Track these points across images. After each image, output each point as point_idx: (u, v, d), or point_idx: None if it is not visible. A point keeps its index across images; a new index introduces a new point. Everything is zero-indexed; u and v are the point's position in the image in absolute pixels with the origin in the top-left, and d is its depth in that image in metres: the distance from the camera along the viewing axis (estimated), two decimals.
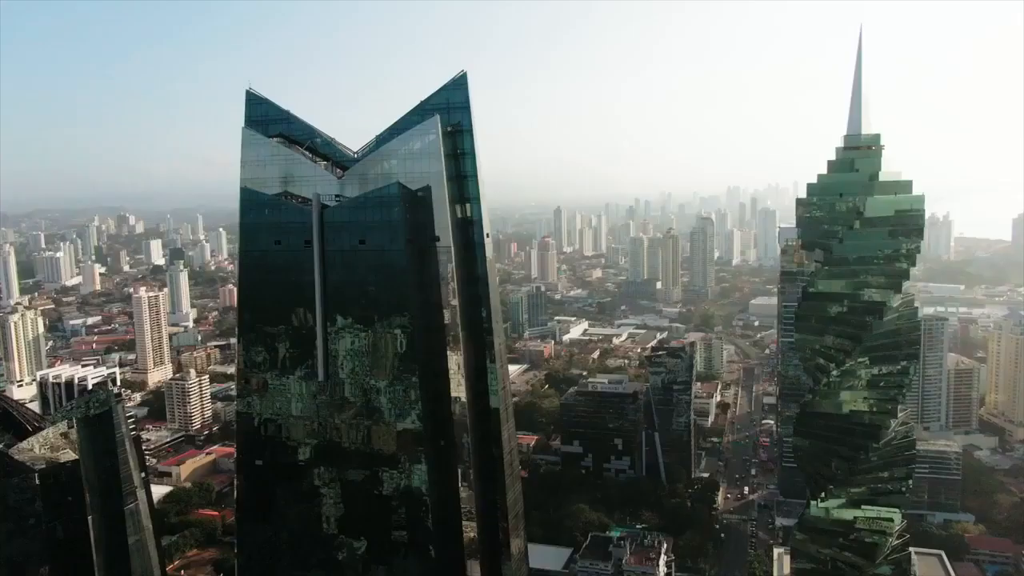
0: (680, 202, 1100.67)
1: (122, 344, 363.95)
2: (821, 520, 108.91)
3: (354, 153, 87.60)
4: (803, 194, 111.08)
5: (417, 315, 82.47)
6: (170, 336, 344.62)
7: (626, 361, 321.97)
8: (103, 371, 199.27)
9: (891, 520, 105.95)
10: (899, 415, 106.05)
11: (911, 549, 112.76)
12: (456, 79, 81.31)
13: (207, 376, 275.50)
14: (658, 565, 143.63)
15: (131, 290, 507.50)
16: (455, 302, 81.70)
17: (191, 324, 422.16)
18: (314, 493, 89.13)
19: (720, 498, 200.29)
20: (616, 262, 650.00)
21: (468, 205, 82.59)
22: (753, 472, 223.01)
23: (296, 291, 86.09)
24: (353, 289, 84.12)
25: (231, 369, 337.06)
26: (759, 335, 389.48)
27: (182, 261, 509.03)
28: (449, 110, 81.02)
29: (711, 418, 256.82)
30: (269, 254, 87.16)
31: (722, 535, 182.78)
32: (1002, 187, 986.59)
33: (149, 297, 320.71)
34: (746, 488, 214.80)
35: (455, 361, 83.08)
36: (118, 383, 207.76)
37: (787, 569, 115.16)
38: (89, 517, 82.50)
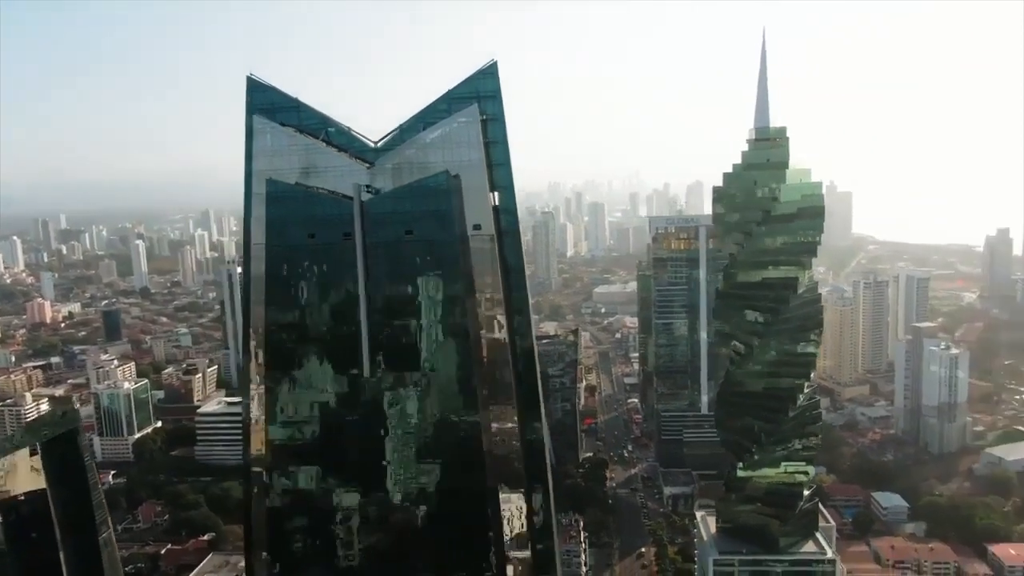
0: None
1: None
2: (745, 481, 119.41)
3: (373, 143, 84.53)
4: (620, 188, 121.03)
5: (467, 306, 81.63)
6: None
7: None
8: None
9: (806, 474, 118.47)
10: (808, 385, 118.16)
11: None
12: (485, 68, 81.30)
13: (45, 400, 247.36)
14: (580, 541, 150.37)
15: None
16: (499, 292, 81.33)
17: None
18: (360, 503, 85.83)
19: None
20: None
21: (498, 194, 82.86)
22: (630, 448, 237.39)
23: (333, 286, 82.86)
24: (399, 281, 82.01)
25: (60, 391, 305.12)
26: (606, 321, 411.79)
27: None
28: (479, 99, 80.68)
29: (582, 401, 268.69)
30: (299, 249, 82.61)
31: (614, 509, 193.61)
32: None
33: None
34: (624, 452, 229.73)
35: (498, 352, 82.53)
36: None
37: (713, 529, 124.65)
38: (60, 553, 73.41)
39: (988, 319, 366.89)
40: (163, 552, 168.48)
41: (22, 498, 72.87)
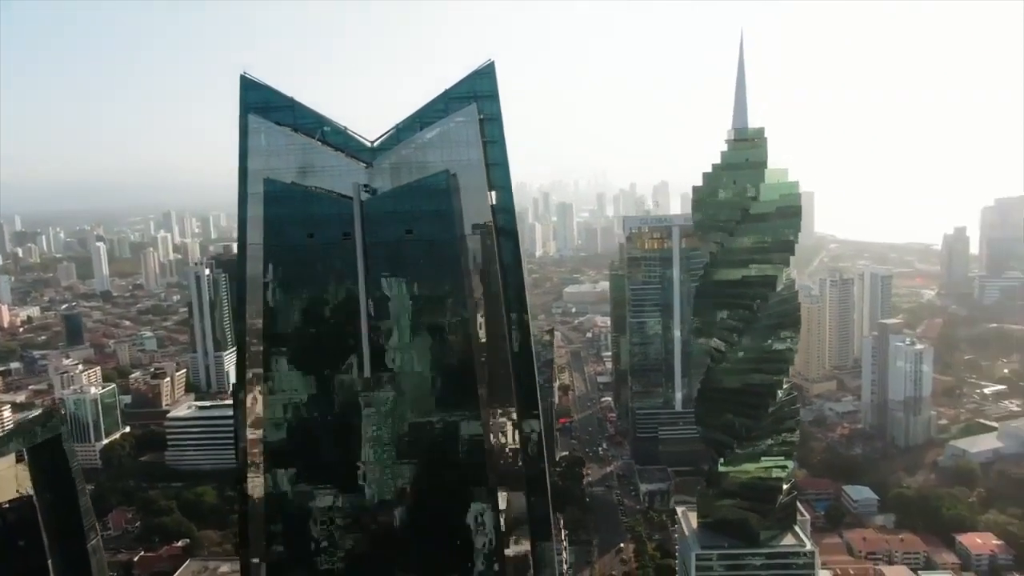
0: None
1: None
2: (725, 476, 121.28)
3: (370, 143, 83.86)
4: (587, 188, 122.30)
5: (467, 305, 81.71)
6: None
7: None
8: None
9: (784, 468, 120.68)
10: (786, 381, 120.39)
11: None
12: (482, 68, 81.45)
13: (7, 406, 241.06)
14: (561, 539, 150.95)
15: None
16: (499, 291, 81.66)
17: None
18: (361, 504, 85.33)
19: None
20: None
21: (496, 193, 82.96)
22: (604, 446, 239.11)
23: (333, 286, 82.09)
24: (399, 280, 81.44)
25: (20, 397, 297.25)
26: (577, 321, 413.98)
27: None
28: (476, 98, 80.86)
29: (556, 400, 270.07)
30: (299, 249, 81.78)
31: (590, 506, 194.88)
32: None
33: None
34: (599, 450, 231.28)
35: (496, 351, 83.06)
36: None
37: (694, 524, 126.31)
38: (49, 560, 71.60)
39: (947, 315, 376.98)
40: (136, 559, 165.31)
41: (8, 505, 71.35)
